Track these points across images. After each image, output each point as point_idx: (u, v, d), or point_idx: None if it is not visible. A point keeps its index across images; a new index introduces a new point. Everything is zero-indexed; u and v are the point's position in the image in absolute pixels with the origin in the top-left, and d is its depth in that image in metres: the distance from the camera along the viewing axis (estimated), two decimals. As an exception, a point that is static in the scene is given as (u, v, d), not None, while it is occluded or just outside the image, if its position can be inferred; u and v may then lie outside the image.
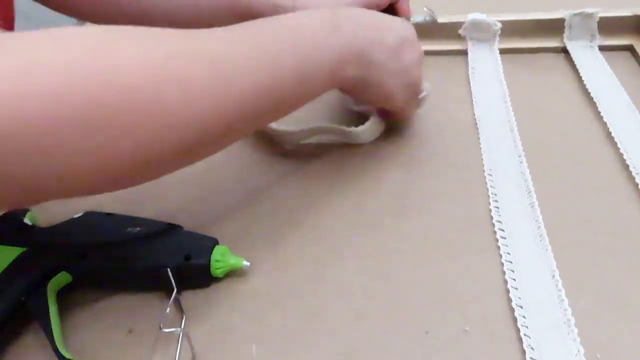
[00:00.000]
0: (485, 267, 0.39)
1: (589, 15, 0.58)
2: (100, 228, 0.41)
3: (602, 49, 0.59)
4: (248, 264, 0.39)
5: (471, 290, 0.37)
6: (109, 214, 0.42)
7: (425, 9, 0.62)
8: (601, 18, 0.58)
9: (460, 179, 0.46)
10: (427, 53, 0.62)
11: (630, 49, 0.59)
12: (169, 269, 0.37)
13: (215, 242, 0.40)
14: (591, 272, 0.37)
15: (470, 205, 0.43)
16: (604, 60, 0.57)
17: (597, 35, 0.59)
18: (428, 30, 0.62)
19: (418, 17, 0.62)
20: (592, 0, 0.58)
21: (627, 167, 0.44)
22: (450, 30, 0.62)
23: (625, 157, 0.45)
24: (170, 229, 0.40)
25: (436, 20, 0.61)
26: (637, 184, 0.43)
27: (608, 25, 0.59)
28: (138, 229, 0.40)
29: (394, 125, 0.52)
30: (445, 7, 0.63)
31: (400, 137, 0.51)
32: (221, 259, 0.39)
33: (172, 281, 0.37)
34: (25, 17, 1.29)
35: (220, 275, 0.39)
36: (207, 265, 0.38)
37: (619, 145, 0.46)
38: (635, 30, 0.59)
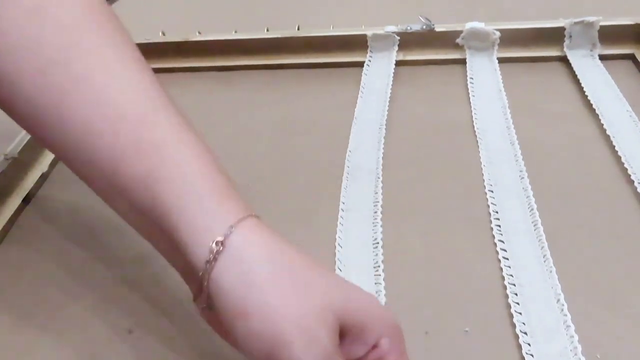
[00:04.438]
0: (485, 268, 0.39)
1: (590, 24, 0.57)
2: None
3: (603, 57, 0.58)
4: None
5: (471, 290, 0.37)
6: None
7: (420, 17, 0.61)
8: (602, 27, 0.57)
9: (460, 195, 0.45)
10: (425, 62, 0.62)
11: (631, 57, 0.58)
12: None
13: None
14: (595, 288, 0.37)
15: (471, 220, 0.43)
16: (604, 69, 0.56)
17: (598, 44, 0.58)
18: (425, 39, 0.61)
19: (415, 25, 0.61)
20: (593, 9, 0.57)
21: (632, 182, 0.43)
22: (448, 39, 0.61)
23: (630, 172, 0.44)
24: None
25: (433, 29, 0.60)
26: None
27: (609, 34, 0.58)
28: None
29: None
30: (443, 16, 0.62)
31: (398, 155, 0.50)
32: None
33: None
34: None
35: None
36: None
37: (623, 159, 0.45)
38: (636, 39, 0.58)
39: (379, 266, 0.39)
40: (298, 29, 0.65)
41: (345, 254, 0.40)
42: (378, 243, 0.41)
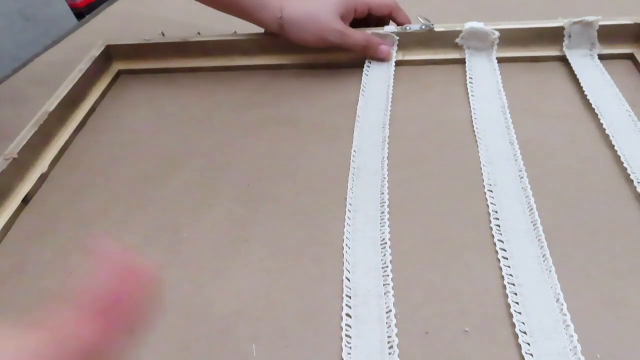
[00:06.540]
0: (485, 268, 0.39)
1: (589, 24, 0.57)
2: None
3: (603, 57, 0.58)
4: None
5: (471, 290, 0.38)
6: None
7: (418, 18, 0.61)
8: (601, 26, 0.57)
9: (460, 195, 0.45)
10: (424, 62, 0.61)
11: (630, 57, 0.58)
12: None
13: None
14: (595, 288, 0.37)
15: (470, 221, 0.42)
16: (604, 69, 0.56)
17: (597, 44, 0.58)
18: (424, 39, 0.61)
19: (414, 25, 0.61)
20: (592, 9, 0.57)
21: (631, 182, 0.43)
22: (447, 39, 0.61)
23: (629, 171, 0.44)
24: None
25: (432, 29, 0.60)
26: (642, 200, 0.42)
27: (608, 34, 0.58)
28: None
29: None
30: (442, 16, 0.62)
31: (399, 153, 0.50)
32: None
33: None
34: (24, 17, 1.28)
35: None
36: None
37: (622, 159, 0.45)
38: (636, 39, 0.58)
39: (387, 266, 0.39)
40: (298, 28, 0.65)
41: (353, 255, 0.40)
42: (386, 243, 0.41)
